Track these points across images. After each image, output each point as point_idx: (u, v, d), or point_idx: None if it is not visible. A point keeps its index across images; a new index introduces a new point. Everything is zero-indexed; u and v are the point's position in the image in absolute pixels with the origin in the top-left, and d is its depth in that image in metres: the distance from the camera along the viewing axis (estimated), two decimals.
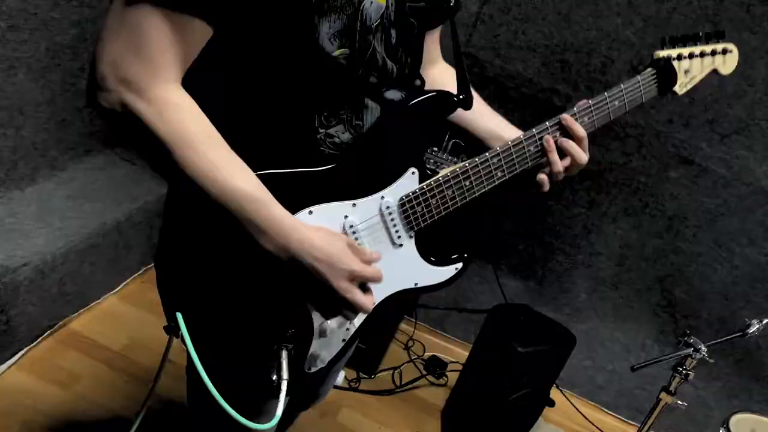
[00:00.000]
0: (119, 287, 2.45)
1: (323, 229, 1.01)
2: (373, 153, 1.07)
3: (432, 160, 2.30)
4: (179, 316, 0.99)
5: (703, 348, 1.78)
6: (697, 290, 2.67)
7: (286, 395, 1.01)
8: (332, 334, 1.11)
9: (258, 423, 1.02)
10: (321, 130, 1.02)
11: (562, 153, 1.17)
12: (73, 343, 2.18)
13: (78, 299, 2.25)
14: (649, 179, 2.58)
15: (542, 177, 1.18)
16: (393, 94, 1.08)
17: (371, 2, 0.98)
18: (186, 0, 0.86)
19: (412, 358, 2.69)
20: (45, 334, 2.14)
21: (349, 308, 1.04)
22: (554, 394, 2.55)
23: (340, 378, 2.43)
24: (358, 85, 1.03)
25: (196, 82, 0.93)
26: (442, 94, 1.11)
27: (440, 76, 1.28)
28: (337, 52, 0.97)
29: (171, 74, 0.89)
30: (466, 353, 2.51)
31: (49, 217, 2.16)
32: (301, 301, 1.06)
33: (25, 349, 2.07)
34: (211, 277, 1.01)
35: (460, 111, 1.23)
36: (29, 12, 1.95)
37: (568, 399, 2.68)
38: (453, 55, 1.19)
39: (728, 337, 1.84)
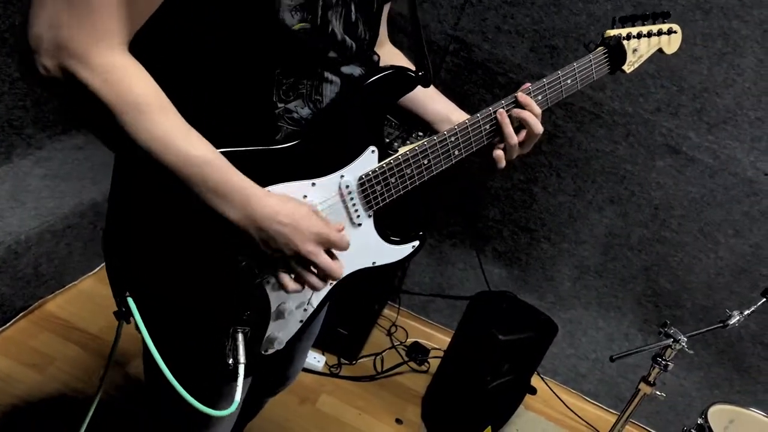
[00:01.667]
0: (97, 268, 2.41)
1: (286, 196, 0.97)
2: (332, 131, 1.04)
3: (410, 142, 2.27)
4: (130, 300, 0.95)
5: (683, 339, 1.77)
6: (682, 280, 2.66)
7: (245, 378, 0.99)
8: (290, 316, 1.09)
9: (219, 407, 0.98)
10: (280, 105, 0.98)
11: (518, 127, 1.17)
12: (47, 325, 2.15)
13: (54, 280, 2.21)
14: (635, 168, 2.56)
15: (498, 153, 1.19)
16: (352, 69, 1.05)
17: None
18: None
19: (395, 344, 2.68)
20: (19, 316, 2.10)
21: (318, 275, 0.99)
22: (536, 381, 2.55)
23: (321, 364, 2.41)
24: (317, 60, 0.99)
25: (149, 53, 0.88)
26: (401, 71, 1.07)
27: (389, 58, 1.25)
28: (297, 26, 0.93)
29: (116, 39, 0.82)
30: (449, 339, 2.49)
31: (23, 197, 2.11)
32: (257, 281, 1.02)
33: None
34: (163, 258, 0.97)
35: (410, 94, 1.19)
36: None
37: (549, 387, 2.68)
38: (411, 31, 1.13)
39: (708, 329, 1.83)
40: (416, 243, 1.19)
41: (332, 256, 1.00)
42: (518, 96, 1.17)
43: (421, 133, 2.21)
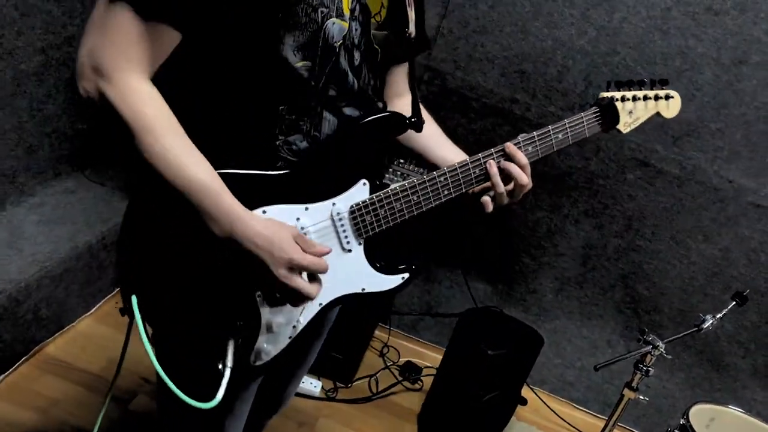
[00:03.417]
0: (94, 309, 2.47)
1: (272, 220, 1.07)
2: (328, 162, 1.14)
3: (399, 172, 2.37)
4: (134, 298, 1.06)
5: (661, 345, 1.87)
6: (658, 286, 2.78)
7: (230, 383, 1.07)
8: (279, 330, 1.17)
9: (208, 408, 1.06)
10: (280, 137, 1.09)
11: (507, 177, 1.24)
12: (49, 368, 2.19)
13: (53, 323, 2.26)
14: (607, 181, 2.68)
15: (485, 199, 1.25)
16: (351, 111, 1.16)
17: (333, 23, 1.06)
18: (158, 9, 0.95)
19: (388, 364, 2.75)
20: (21, 361, 2.15)
21: (292, 295, 1.08)
22: (526, 392, 2.63)
23: (317, 389, 2.48)
24: (317, 97, 1.10)
25: (166, 83, 1.00)
26: (395, 115, 1.20)
27: (405, 108, 1.35)
28: (299, 64, 1.05)
29: (138, 67, 0.97)
30: (440, 357, 2.57)
31: (20, 244, 2.17)
32: (249, 294, 1.11)
33: (1, 377, 2.07)
34: (167, 264, 1.08)
35: (421, 139, 1.32)
36: None
37: (539, 397, 2.77)
38: (411, 80, 1.28)
39: (684, 334, 1.93)
40: (406, 275, 1.26)
41: (311, 278, 1.09)
42: (506, 147, 1.23)
43: (402, 161, 2.33)
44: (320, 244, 1.12)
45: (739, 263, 2.68)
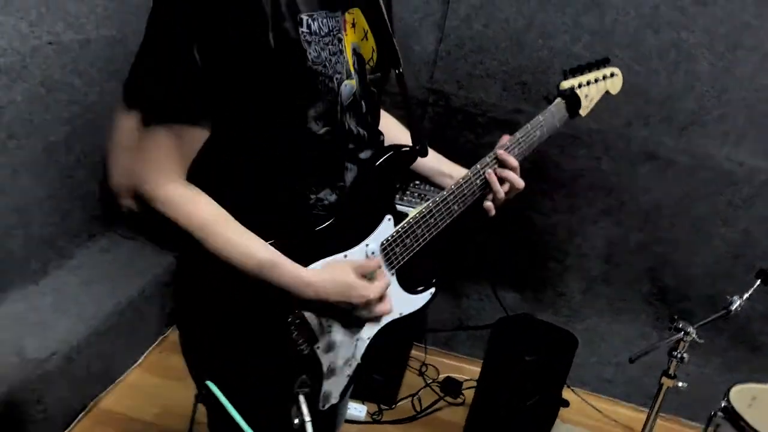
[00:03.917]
0: (140, 359, 2.56)
1: (330, 268, 1.16)
2: (354, 210, 1.23)
3: (416, 193, 2.45)
4: (211, 384, 1.09)
5: (692, 330, 1.92)
6: (683, 275, 2.81)
7: None
8: (340, 372, 1.25)
9: None
10: (312, 196, 1.17)
11: (502, 181, 1.37)
12: (106, 421, 2.28)
13: (105, 377, 2.36)
14: (620, 178, 2.74)
15: (488, 204, 1.38)
16: (365, 154, 1.25)
17: (345, 85, 1.15)
18: (189, 113, 1.01)
19: (428, 382, 2.80)
20: (79, 417, 2.24)
21: (376, 320, 1.23)
22: (567, 393, 2.67)
23: (363, 413, 2.53)
24: (340, 154, 1.19)
25: (204, 168, 1.07)
26: (401, 150, 1.28)
27: (385, 126, 1.42)
28: (322, 131, 1.12)
29: (178, 174, 1.04)
30: (478, 369, 2.62)
31: (66, 305, 2.26)
32: (310, 348, 1.19)
33: None
34: (230, 346, 1.15)
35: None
36: (24, 118, 2.08)
37: (580, 397, 2.80)
38: (405, 113, 1.35)
39: (713, 317, 1.97)
40: (432, 290, 1.38)
41: (381, 299, 1.21)
42: (498, 154, 1.36)
43: (417, 182, 2.41)
44: (372, 263, 1.23)
45: (761, 243, 2.71)
